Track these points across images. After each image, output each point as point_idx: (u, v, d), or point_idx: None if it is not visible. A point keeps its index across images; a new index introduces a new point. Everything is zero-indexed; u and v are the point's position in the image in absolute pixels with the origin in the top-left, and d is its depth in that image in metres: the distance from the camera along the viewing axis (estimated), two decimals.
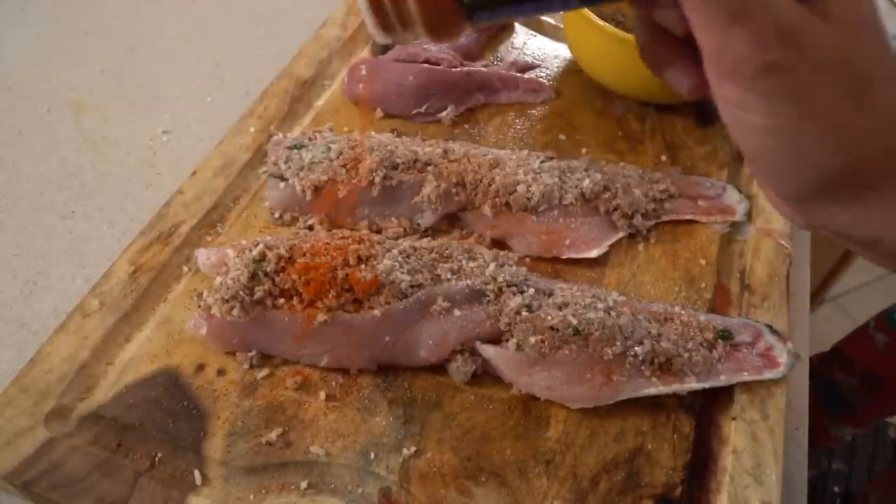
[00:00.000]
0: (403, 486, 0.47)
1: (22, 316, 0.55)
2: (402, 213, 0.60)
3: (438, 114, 0.70)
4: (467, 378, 0.52)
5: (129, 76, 0.74)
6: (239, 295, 0.49)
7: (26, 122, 0.68)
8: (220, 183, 0.61)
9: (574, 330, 0.51)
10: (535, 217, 0.60)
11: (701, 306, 0.59)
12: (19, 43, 0.75)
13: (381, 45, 0.76)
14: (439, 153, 0.61)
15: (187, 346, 0.52)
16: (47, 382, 0.48)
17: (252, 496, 0.46)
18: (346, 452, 0.48)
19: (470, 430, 0.50)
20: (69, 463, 0.46)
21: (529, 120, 0.73)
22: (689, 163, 0.71)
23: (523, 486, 0.48)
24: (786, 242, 0.65)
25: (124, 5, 0.81)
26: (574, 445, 0.50)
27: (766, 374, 0.53)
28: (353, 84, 0.69)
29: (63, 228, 0.61)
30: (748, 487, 0.49)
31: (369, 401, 0.51)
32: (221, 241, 0.58)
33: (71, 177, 0.64)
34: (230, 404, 0.49)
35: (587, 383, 0.50)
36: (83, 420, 0.48)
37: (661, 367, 0.51)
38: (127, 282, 0.54)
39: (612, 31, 0.68)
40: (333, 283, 0.50)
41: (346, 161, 0.58)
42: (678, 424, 0.52)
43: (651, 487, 0.48)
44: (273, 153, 0.60)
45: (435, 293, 0.52)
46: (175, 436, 0.47)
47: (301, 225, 0.59)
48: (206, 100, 0.73)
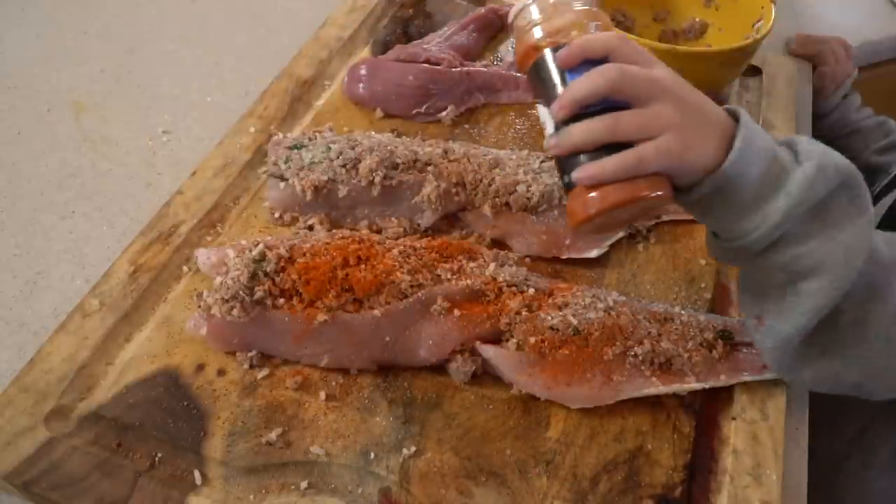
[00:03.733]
0: (403, 486, 0.47)
1: (22, 316, 0.55)
2: (402, 213, 0.60)
3: (438, 114, 0.70)
4: (467, 378, 0.52)
5: (129, 76, 0.74)
6: (239, 295, 0.49)
7: (26, 122, 0.68)
8: (220, 183, 0.61)
9: (574, 330, 0.51)
10: (535, 217, 0.60)
11: (701, 306, 0.59)
12: (19, 43, 0.75)
13: (381, 45, 0.76)
14: (439, 153, 0.61)
15: (187, 346, 0.52)
16: (47, 382, 0.48)
17: (252, 496, 0.46)
18: (346, 452, 0.48)
19: (470, 430, 0.50)
20: (69, 463, 0.45)
21: (529, 120, 0.73)
22: None
23: (523, 486, 0.48)
24: None
25: (124, 5, 0.81)
26: (574, 445, 0.50)
27: (766, 374, 0.53)
28: (353, 84, 0.69)
29: (63, 228, 0.61)
30: (748, 487, 0.49)
31: (369, 401, 0.51)
32: (221, 241, 0.58)
33: (71, 177, 0.64)
34: (230, 404, 0.49)
35: (587, 383, 0.50)
36: (83, 420, 0.48)
37: (661, 367, 0.51)
38: (127, 282, 0.54)
39: None
40: (333, 283, 0.50)
41: (346, 161, 0.58)
42: (678, 424, 0.52)
43: (651, 487, 0.48)
44: (273, 153, 0.60)
45: (435, 293, 0.51)
46: (175, 436, 0.47)
47: (301, 225, 0.59)
48: (206, 100, 0.73)
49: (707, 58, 0.69)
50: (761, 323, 0.49)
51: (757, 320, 0.49)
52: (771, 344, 0.49)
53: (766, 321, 0.49)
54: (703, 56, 0.69)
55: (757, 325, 0.49)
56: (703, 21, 0.82)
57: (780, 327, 0.47)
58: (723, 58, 0.69)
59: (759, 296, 0.49)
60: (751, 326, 0.50)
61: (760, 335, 0.49)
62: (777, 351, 0.49)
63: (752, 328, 0.50)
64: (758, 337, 0.50)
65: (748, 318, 0.51)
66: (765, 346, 0.50)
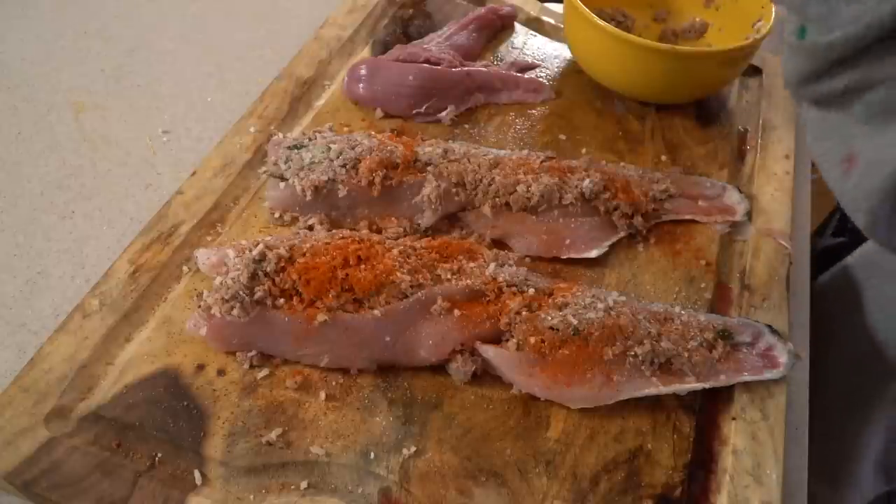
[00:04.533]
0: (403, 486, 0.47)
1: (22, 316, 0.55)
2: (402, 213, 0.60)
3: (438, 114, 0.70)
4: (467, 378, 0.52)
5: (129, 76, 0.74)
6: (239, 295, 0.49)
7: (26, 122, 0.68)
8: (220, 183, 0.61)
9: (574, 330, 0.51)
10: (535, 217, 0.60)
11: (701, 306, 0.59)
12: (19, 43, 0.75)
13: (381, 45, 0.76)
14: (439, 153, 0.61)
15: (187, 346, 0.52)
16: (47, 382, 0.48)
17: (252, 496, 0.46)
18: (346, 452, 0.48)
19: (470, 430, 0.50)
20: (69, 463, 0.45)
21: (529, 120, 0.73)
22: (689, 163, 0.71)
23: (523, 486, 0.48)
24: (786, 242, 0.65)
25: (124, 5, 0.81)
26: (574, 445, 0.50)
27: (766, 374, 0.53)
28: (353, 84, 0.69)
29: (63, 228, 0.61)
30: (748, 487, 0.49)
31: (369, 401, 0.51)
32: (221, 241, 0.58)
33: (71, 177, 0.64)
34: (230, 404, 0.49)
35: (587, 383, 0.50)
36: (83, 420, 0.48)
37: (661, 367, 0.51)
38: (127, 282, 0.54)
39: (613, 31, 0.68)
40: (333, 283, 0.50)
41: (346, 161, 0.58)
42: (678, 424, 0.52)
43: (651, 487, 0.48)
44: (273, 153, 0.60)
45: (435, 293, 0.52)
46: (175, 436, 0.47)
47: (301, 225, 0.59)
48: (206, 100, 0.73)
49: (707, 58, 0.69)
50: (853, 164, 0.37)
51: (848, 162, 0.38)
52: (869, 186, 0.36)
53: (859, 161, 0.37)
54: (703, 56, 0.69)
55: (848, 170, 0.37)
56: (703, 21, 0.82)
57: (881, 161, 0.36)
58: (723, 58, 0.69)
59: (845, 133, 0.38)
60: (838, 178, 0.38)
61: (852, 185, 0.38)
62: (875, 196, 0.37)
63: (841, 177, 0.38)
64: (850, 185, 0.38)
65: (835, 164, 0.38)
66: (860, 194, 0.37)
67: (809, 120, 0.41)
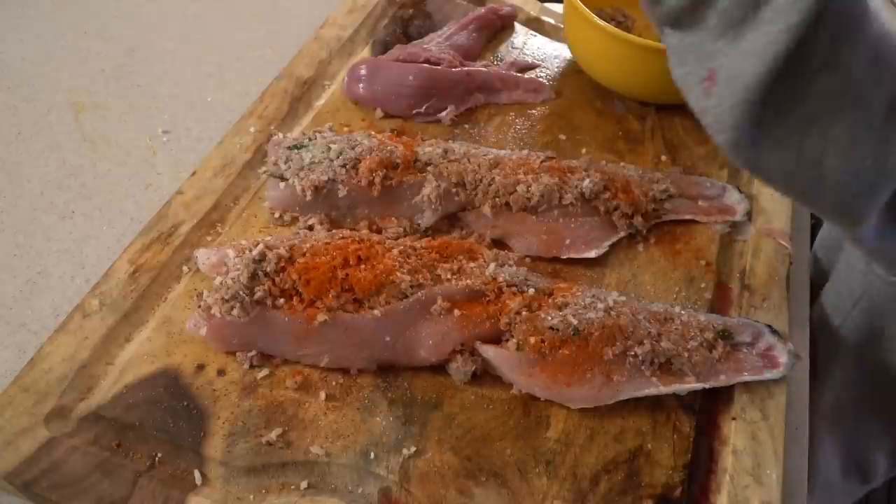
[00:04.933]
0: (403, 486, 0.47)
1: (22, 316, 0.55)
2: (402, 213, 0.60)
3: (438, 114, 0.70)
4: (467, 378, 0.52)
5: (129, 76, 0.74)
6: (239, 295, 0.49)
7: (26, 122, 0.68)
8: (220, 183, 0.61)
9: (574, 330, 0.51)
10: (535, 217, 0.60)
11: (701, 306, 0.59)
12: (19, 43, 0.75)
13: (381, 45, 0.76)
14: (439, 153, 0.61)
15: (187, 346, 0.52)
16: (47, 382, 0.48)
17: (252, 496, 0.46)
18: (346, 452, 0.48)
19: (470, 430, 0.50)
20: (69, 463, 0.45)
21: (529, 120, 0.73)
22: (689, 163, 0.71)
23: (523, 486, 0.48)
24: (786, 242, 0.65)
25: (124, 5, 0.81)
26: (574, 445, 0.50)
27: (766, 374, 0.53)
28: (353, 84, 0.69)
29: (63, 228, 0.61)
30: (748, 487, 0.49)
31: (369, 401, 0.51)
32: (221, 241, 0.58)
33: (71, 177, 0.64)
34: (230, 404, 0.49)
35: (587, 383, 0.50)
36: (83, 420, 0.48)
37: (661, 367, 0.51)
38: (127, 282, 0.54)
39: (612, 31, 0.68)
40: (333, 283, 0.50)
41: (346, 161, 0.58)
42: (678, 424, 0.52)
43: (651, 487, 0.48)
44: (273, 153, 0.60)
45: (435, 293, 0.52)
46: (175, 436, 0.47)
47: (301, 225, 0.59)
48: (206, 100, 0.73)
49: None
50: (713, 82, 0.39)
51: (708, 80, 0.39)
52: (730, 102, 0.38)
53: (718, 77, 0.39)
54: None
55: (709, 88, 0.39)
56: None
57: (738, 74, 0.37)
58: None
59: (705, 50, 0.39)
60: (699, 98, 0.40)
61: (713, 104, 0.39)
62: (736, 110, 0.38)
63: (702, 96, 0.40)
64: (712, 104, 0.39)
65: (696, 85, 0.40)
66: (721, 111, 0.39)
67: (670, 46, 0.41)
